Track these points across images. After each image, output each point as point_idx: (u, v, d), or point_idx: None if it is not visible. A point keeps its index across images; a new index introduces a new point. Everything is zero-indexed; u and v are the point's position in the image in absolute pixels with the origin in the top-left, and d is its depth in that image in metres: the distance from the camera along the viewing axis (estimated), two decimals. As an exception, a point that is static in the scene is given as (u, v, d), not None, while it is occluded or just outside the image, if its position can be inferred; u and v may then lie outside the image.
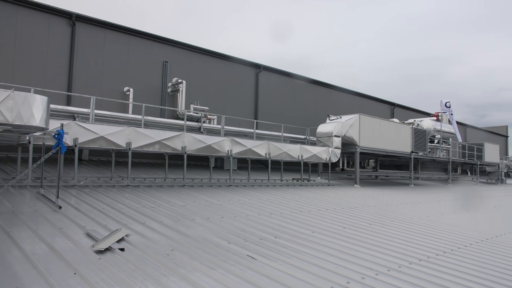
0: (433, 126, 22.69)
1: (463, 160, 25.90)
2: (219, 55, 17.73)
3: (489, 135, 43.14)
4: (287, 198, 10.41)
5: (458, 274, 5.13)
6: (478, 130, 41.62)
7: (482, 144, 27.64)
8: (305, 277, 4.42)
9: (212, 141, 11.33)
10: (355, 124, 15.66)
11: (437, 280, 4.77)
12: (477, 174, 27.34)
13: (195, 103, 15.83)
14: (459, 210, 12.09)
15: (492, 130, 46.13)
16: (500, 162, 29.98)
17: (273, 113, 19.60)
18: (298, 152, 13.83)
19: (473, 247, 6.90)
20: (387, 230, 7.54)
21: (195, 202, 8.49)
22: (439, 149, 22.65)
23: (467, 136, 37.63)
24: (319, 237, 6.42)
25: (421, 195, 15.10)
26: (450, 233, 7.95)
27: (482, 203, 14.99)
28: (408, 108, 30.30)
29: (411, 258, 5.70)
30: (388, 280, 4.64)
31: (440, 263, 5.60)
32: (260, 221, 7.26)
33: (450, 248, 6.55)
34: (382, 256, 5.62)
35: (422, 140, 19.85)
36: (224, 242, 5.60)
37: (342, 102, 23.77)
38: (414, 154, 19.18)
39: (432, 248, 6.46)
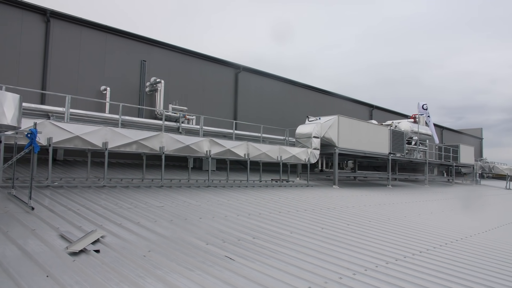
0: (411, 127, 23.18)
1: (440, 161, 26.55)
2: (198, 55, 17.64)
3: (464, 137, 44.42)
4: (266, 199, 10.42)
5: (433, 273, 5.24)
6: (454, 132, 42.79)
7: (457, 146, 28.40)
8: (283, 278, 4.43)
9: (190, 142, 11.24)
10: (334, 125, 15.82)
11: (413, 279, 4.85)
12: (453, 175, 28.05)
13: (174, 103, 15.69)
14: (435, 210, 12.36)
15: (468, 132, 47.53)
16: (475, 163, 30.87)
17: (253, 114, 19.63)
18: (277, 153, 13.88)
19: (448, 246, 7.05)
20: (365, 231, 7.64)
21: (173, 203, 8.40)
22: (416, 151, 23.15)
23: (443, 138, 38.63)
24: (298, 238, 6.44)
25: (399, 195, 15.37)
26: (426, 233, 8.11)
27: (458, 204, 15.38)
28: (386, 110, 30.88)
29: (388, 257, 5.78)
30: (365, 279, 4.69)
31: (417, 262, 5.70)
32: (239, 222, 7.24)
33: (426, 248, 6.68)
34: (359, 256, 5.68)
35: (400, 141, 20.24)
36: (202, 243, 5.55)
37: (321, 103, 24.02)
38: (392, 156, 19.52)
39: (409, 247, 6.57)
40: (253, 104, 20.04)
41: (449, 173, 29.05)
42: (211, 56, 18.17)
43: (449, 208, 13.52)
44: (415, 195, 16.54)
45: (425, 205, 13.45)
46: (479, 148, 48.34)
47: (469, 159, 29.53)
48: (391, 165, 19.89)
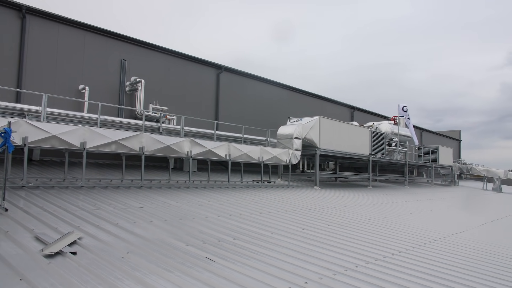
0: (391, 129, 23.52)
1: (419, 162, 27.01)
2: (179, 54, 17.50)
3: (443, 139, 45.40)
4: (247, 199, 10.40)
5: (412, 272, 5.31)
6: (433, 134, 43.68)
7: (437, 147, 28.92)
8: (263, 278, 4.42)
9: (171, 142, 11.13)
10: (315, 126, 15.92)
11: (393, 279, 4.91)
12: (432, 176, 28.60)
13: (154, 103, 15.52)
14: (414, 211, 12.56)
15: (447, 134, 48.63)
16: (453, 165, 31.50)
17: (234, 115, 19.59)
18: (259, 153, 13.88)
19: (426, 246, 7.17)
20: (345, 231, 7.70)
21: (152, 204, 8.29)
22: (397, 152, 23.50)
23: (423, 139, 39.39)
24: (278, 238, 6.45)
25: (379, 196, 15.57)
26: (405, 233, 8.23)
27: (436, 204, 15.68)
28: (367, 111, 31.27)
29: (368, 258, 5.83)
30: (345, 279, 4.72)
31: (396, 262, 5.77)
32: (219, 222, 7.19)
33: (405, 248, 6.77)
34: (340, 257, 5.72)
35: (380, 143, 20.51)
36: (182, 244, 5.49)
37: (302, 104, 24.16)
38: (373, 157, 19.77)
39: (389, 247, 6.65)
40: (234, 104, 20.01)
41: (429, 174, 29.58)
42: (192, 56, 18.05)
43: (428, 208, 13.77)
44: (395, 196, 16.79)
45: (405, 205, 13.66)
46: (457, 150, 49.51)
47: (447, 161, 30.12)
48: (371, 166, 20.15)
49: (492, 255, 7.06)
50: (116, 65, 15.12)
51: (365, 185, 20.16)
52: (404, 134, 24.66)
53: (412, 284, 4.79)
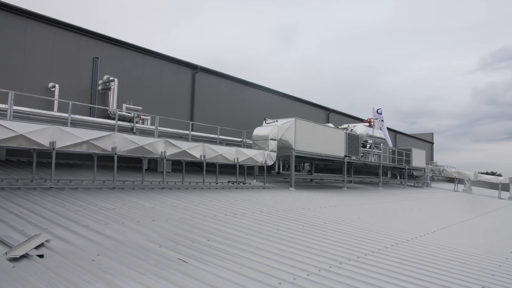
0: (366, 131, 23.88)
1: (393, 164, 27.53)
2: (154, 53, 17.24)
3: (416, 141, 46.53)
4: (222, 200, 10.33)
5: (385, 272, 5.39)
6: (407, 136, 44.69)
7: (410, 149, 29.49)
8: (237, 279, 4.38)
9: (144, 142, 10.93)
10: (291, 127, 16.00)
11: (365, 279, 4.97)
12: (405, 178, 29.20)
13: (128, 103, 15.22)
14: (388, 212, 12.79)
15: (420, 136, 49.86)
16: (426, 166, 32.23)
17: (210, 115, 19.47)
18: (234, 154, 13.82)
19: (399, 246, 7.30)
20: (319, 232, 7.75)
21: (125, 205, 8.11)
22: (371, 154, 23.89)
23: (397, 142, 40.23)
24: (253, 239, 6.42)
25: (354, 197, 15.77)
26: (379, 233, 8.35)
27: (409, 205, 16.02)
28: (342, 113, 31.66)
29: (342, 258, 5.88)
30: (318, 280, 4.74)
31: (369, 262, 5.84)
32: (193, 224, 7.11)
33: (378, 248, 6.87)
34: (314, 257, 5.74)
35: (355, 145, 20.79)
36: (155, 246, 5.39)
37: (278, 105, 24.26)
38: (348, 158, 20.01)
39: (362, 248, 6.73)
40: (210, 105, 19.88)
41: (402, 176, 30.20)
42: (167, 55, 17.82)
43: (401, 209, 14.05)
44: (370, 197, 17.05)
45: (379, 206, 13.88)
46: (430, 152, 50.84)
47: (420, 163, 30.77)
48: (346, 168, 20.41)
49: (462, 254, 7.27)
50: (88, 63, 14.75)
51: (340, 187, 20.41)
52: (378, 136, 25.08)
53: (384, 283, 4.86)
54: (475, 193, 30.49)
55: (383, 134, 25.80)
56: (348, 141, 19.97)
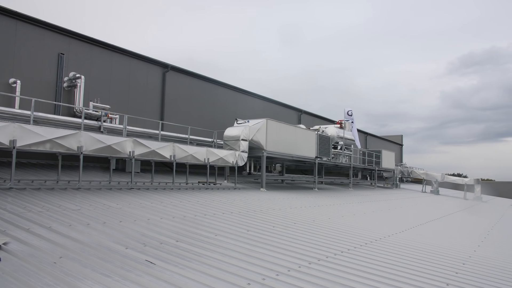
0: (337, 133, 24.16)
1: (363, 166, 27.97)
2: (123, 51, 16.84)
3: (386, 143, 47.63)
4: (192, 201, 10.20)
5: (353, 271, 5.45)
6: (377, 138, 45.64)
7: (380, 151, 30.05)
8: (205, 280, 4.31)
9: (112, 141, 10.64)
10: (262, 128, 16.00)
11: (334, 278, 5.01)
12: (375, 179, 29.77)
13: (95, 101, 14.80)
14: (358, 212, 12.98)
15: (390, 138, 51.11)
16: (395, 168, 32.92)
17: (181, 115, 19.22)
18: (205, 155, 13.69)
19: (368, 246, 7.41)
20: (289, 232, 7.77)
21: (91, 206, 7.85)
22: (342, 155, 24.20)
23: (367, 143, 41.01)
24: (222, 240, 6.36)
25: (324, 198, 15.93)
26: (349, 233, 8.45)
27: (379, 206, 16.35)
28: (314, 115, 31.92)
29: (311, 258, 5.91)
30: (287, 280, 4.74)
31: (338, 262, 5.89)
32: (162, 225, 6.96)
33: (347, 248, 6.95)
34: (283, 257, 5.74)
35: (326, 146, 21.00)
36: (121, 247, 5.23)
37: (250, 106, 24.25)
38: (319, 160, 20.20)
39: (332, 248, 6.79)
40: (181, 104, 19.62)
41: (372, 177, 30.80)
42: (137, 53, 17.46)
43: (371, 210, 14.32)
44: (340, 198, 17.28)
45: (349, 207, 14.08)
46: (399, 154, 52.20)
47: (390, 164, 31.36)
48: (317, 169, 20.59)
49: (428, 253, 7.46)
50: (52, 59, 14.22)
51: (311, 187, 20.58)
52: (349, 138, 25.45)
53: (353, 283, 4.92)
54: (442, 194, 31.47)
55: (353, 135, 26.22)
56: (319, 142, 20.17)
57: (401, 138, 55.59)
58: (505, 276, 6.40)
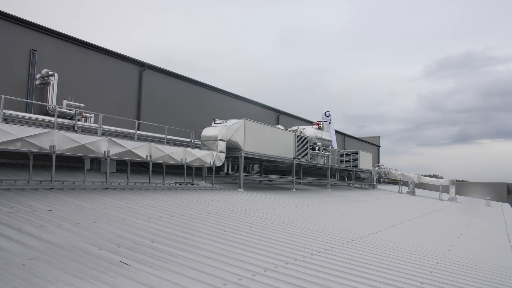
0: (315, 134, 24.28)
1: (341, 166, 28.23)
2: (98, 48, 16.50)
3: (364, 144, 48.29)
4: (169, 201, 10.08)
5: (329, 271, 5.49)
6: (355, 139, 46.18)
7: (357, 152, 30.36)
8: (181, 281, 4.27)
9: (86, 141, 10.40)
10: (240, 128, 15.97)
11: (311, 278, 5.04)
12: (352, 180, 30.09)
13: (69, 99, 14.43)
14: (335, 213, 13.11)
15: (367, 140, 51.86)
16: (372, 169, 33.34)
17: (158, 115, 18.98)
18: (182, 155, 13.56)
19: (344, 246, 7.49)
20: (267, 233, 7.77)
21: (63, 207, 7.65)
22: (320, 156, 24.37)
23: (345, 144, 41.45)
24: (199, 241, 6.31)
25: (302, 199, 16.02)
26: (325, 234, 8.52)
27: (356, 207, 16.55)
28: (293, 116, 32.02)
29: (288, 258, 5.93)
30: (264, 280, 4.74)
31: (314, 262, 5.93)
32: (137, 225, 6.85)
33: (324, 248, 7.00)
34: (260, 258, 5.74)
35: (304, 147, 21.10)
36: (94, 248, 5.12)
37: (228, 106, 24.17)
38: (297, 160, 20.27)
39: (308, 248, 6.83)
40: (158, 104, 19.38)
41: (350, 178, 31.10)
42: (112, 50, 17.13)
43: (348, 210, 14.48)
44: (318, 198, 17.40)
45: (326, 208, 14.20)
46: (377, 155, 53.03)
47: (367, 165, 31.76)
48: (295, 170, 20.67)
49: (403, 253, 7.61)
50: (24, 56, 13.79)
51: (289, 188, 20.67)
52: (327, 139, 25.62)
53: (329, 282, 4.96)
54: (418, 195, 32.14)
55: (330, 136, 26.46)
56: (298, 143, 20.25)
57: (378, 139, 56.52)
58: (477, 274, 6.60)
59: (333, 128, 27.32)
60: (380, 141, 56.71)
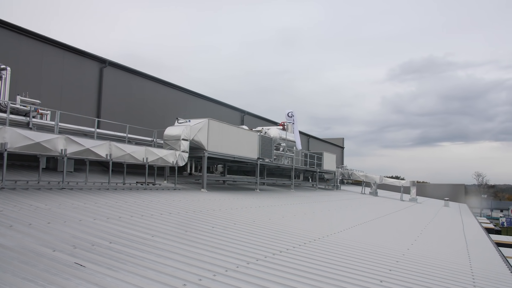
0: (279, 134, 24.44)
1: (305, 167, 28.53)
2: (55, 42, 15.83)
3: (328, 145, 49.15)
4: (129, 202, 9.83)
5: (291, 270, 5.55)
6: (319, 140, 46.90)
7: (321, 153, 30.73)
8: (139, 282, 4.17)
9: (41, 139, 9.95)
10: (203, 128, 15.82)
11: (272, 277, 5.07)
12: (316, 180, 30.48)
13: (23, 95, 13.75)
14: (298, 213, 13.24)
15: (331, 141, 52.85)
16: (336, 170, 33.88)
17: (119, 113, 18.50)
18: (143, 154, 13.26)
19: (306, 245, 7.59)
20: (229, 233, 7.75)
21: (15, 207, 7.28)
22: (284, 157, 24.54)
23: (309, 146, 41.98)
24: (159, 241, 6.20)
25: (266, 199, 16.08)
26: (288, 234, 8.58)
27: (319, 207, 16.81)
28: (257, 116, 32.10)
29: (249, 258, 5.94)
30: (224, 280, 4.72)
31: (276, 261, 5.97)
32: (95, 226, 6.63)
33: (286, 248, 7.06)
34: (221, 258, 5.72)
35: (268, 147, 21.17)
36: (48, 250, 4.90)
37: (192, 105, 23.93)
38: (261, 161, 20.32)
39: (271, 248, 6.86)
40: (120, 102, 18.88)
41: (314, 179, 31.46)
42: (71, 46, 16.51)
43: (311, 211, 14.68)
44: (281, 199, 17.52)
45: (290, 208, 14.32)
46: (340, 156, 54.12)
47: (331, 166, 32.19)
48: (259, 170, 20.71)
49: (364, 252, 7.82)
50: (-25, 48, 13.03)
51: (253, 189, 20.68)
52: (291, 140, 25.83)
53: (290, 281, 5.01)
54: (380, 195, 33.06)
55: (294, 137, 26.70)
56: (262, 143, 20.29)
57: (342, 141, 57.84)
58: (434, 272, 6.89)
59: (298, 129, 27.55)
60: (344, 142, 58.05)
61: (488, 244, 13.53)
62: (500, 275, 7.84)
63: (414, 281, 6.03)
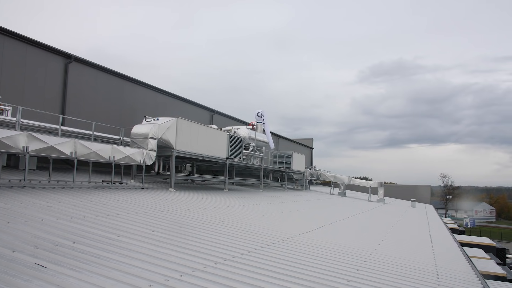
0: (249, 134, 24.46)
1: (274, 167, 28.65)
2: (16, 35, 15.22)
3: (298, 146, 49.62)
4: (94, 201, 9.61)
5: (259, 270, 5.60)
6: (289, 141, 47.26)
7: (291, 153, 30.91)
8: (103, 283, 4.11)
9: (2, 135, 9.56)
10: (172, 127, 15.66)
11: (240, 278, 5.11)
12: (285, 181, 30.67)
13: (-17, 89, 13.18)
14: (267, 213, 13.33)
15: (301, 142, 53.40)
16: (305, 170, 34.17)
17: (85, 110, 18.02)
18: (110, 152, 12.98)
19: (275, 245, 7.66)
20: (197, 233, 7.72)
21: (-28, 207, 6.98)
22: (253, 157, 24.60)
23: (279, 146, 42.23)
24: (125, 241, 6.11)
25: (234, 199, 16.08)
26: (257, 234, 8.63)
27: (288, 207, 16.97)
28: (227, 115, 32.01)
29: (217, 258, 5.95)
30: (191, 280, 4.73)
31: (244, 261, 6.01)
32: (58, 226, 6.46)
33: (254, 248, 7.11)
34: (189, 258, 5.70)
35: (238, 147, 21.17)
36: (7, 250, 4.74)
37: (161, 104, 23.62)
38: (230, 160, 20.29)
39: (239, 248, 6.89)
40: (86, 99, 18.39)
41: (283, 179, 31.66)
42: (34, 39, 15.92)
43: (280, 211, 14.80)
44: (250, 199, 17.55)
45: (258, 208, 14.38)
46: (310, 157, 54.77)
47: (300, 166, 32.37)
48: (228, 170, 20.67)
49: (332, 252, 7.99)
50: None
51: (222, 188, 20.65)
52: (261, 140, 25.91)
53: (258, 282, 5.07)
54: (349, 196, 33.66)
55: (266, 136, 26.79)
56: (231, 143, 20.28)
57: (311, 141, 58.64)
58: (400, 272, 7.13)
59: (269, 129, 27.70)
60: (313, 143, 58.88)
61: (452, 244, 14.04)
62: (464, 274, 8.20)
63: (381, 280, 6.23)
